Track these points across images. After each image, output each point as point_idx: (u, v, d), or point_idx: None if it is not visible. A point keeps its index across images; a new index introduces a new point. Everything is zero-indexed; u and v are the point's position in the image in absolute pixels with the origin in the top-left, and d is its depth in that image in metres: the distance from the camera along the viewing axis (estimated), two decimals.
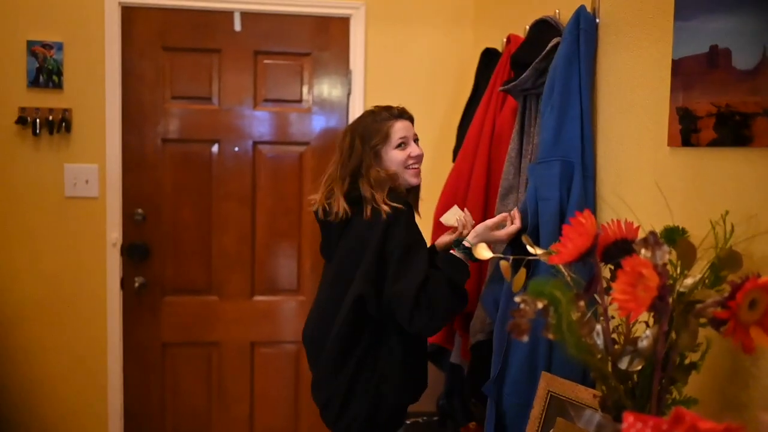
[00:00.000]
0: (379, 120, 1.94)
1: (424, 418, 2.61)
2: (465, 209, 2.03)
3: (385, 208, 1.80)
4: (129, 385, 3.09)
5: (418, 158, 1.96)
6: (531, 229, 1.79)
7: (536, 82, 1.92)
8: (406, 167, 1.94)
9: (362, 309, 1.85)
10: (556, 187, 1.72)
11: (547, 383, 1.54)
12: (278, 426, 3.22)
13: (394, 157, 1.92)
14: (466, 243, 1.85)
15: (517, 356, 1.81)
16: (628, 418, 0.85)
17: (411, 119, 2.01)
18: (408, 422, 2.53)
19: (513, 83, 1.98)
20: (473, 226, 1.97)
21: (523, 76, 1.92)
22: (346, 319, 1.86)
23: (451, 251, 1.87)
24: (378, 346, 1.88)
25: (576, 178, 1.71)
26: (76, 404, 3.02)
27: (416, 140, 2.00)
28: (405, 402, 1.97)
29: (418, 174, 1.97)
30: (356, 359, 1.87)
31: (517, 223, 1.85)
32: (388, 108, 1.99)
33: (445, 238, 2.07)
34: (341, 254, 1.93)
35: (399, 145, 1.93)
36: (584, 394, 1.44)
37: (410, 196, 2.01)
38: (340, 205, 1.86)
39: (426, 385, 2.05)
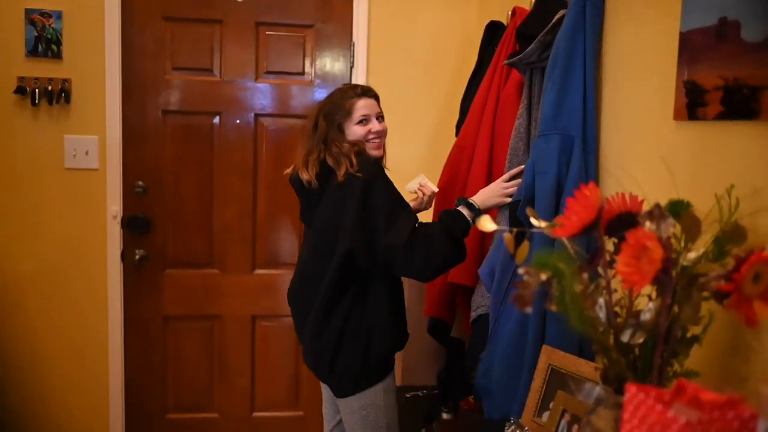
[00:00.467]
0: (345, 97, 2.09)
1: (424, 391, 2.63)
2: (423, 175, 2.29)
3: (353, 171, 1.93)
4: (130, 357, 3.10)
5: (379, 133, 2.09)
6: (527, 202, 1.78)
7: (541, 55, 1.90)
8: (367, 141, 2.07)
9: (350, 264, 1.95)
10: (555, 161, 1.71)
11: (549, 357, 1.55)
12: (279, 398, 3.24)
13: (355, 131, 2.06)
14: (472, 201, 2.00)
15: (507, 327, 1.82)
16: (631, 388, 0.85)
17: (376, 97, 2.14)
18: (408, 396, 2.55)
19: (518, 56, 1.96)
20: (433, 193, 2.27)
21: (528, 49, 1.90)
22: (334, 275, 1.97)
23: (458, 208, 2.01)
24: (364, 297, 2.01)
25: (575, 152, 1.70)
26: (77, 376, 3.04)
27: (380, 117, 2.13)
28: (393, 349, 2.10)
29: (378, 147, 2.10)
30: (344, 311, 2.00)
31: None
32: (354, 86, 2.14)
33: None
34: (320, 220, 2.05)
35: (360, 121, 2.07)
36: (585, 367, 1.45)
37: None
38: (309, 173, 2.01)
39: (408, 334, 2.16)
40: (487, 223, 1.25)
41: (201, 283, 3.13)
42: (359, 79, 3.07)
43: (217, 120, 3.07)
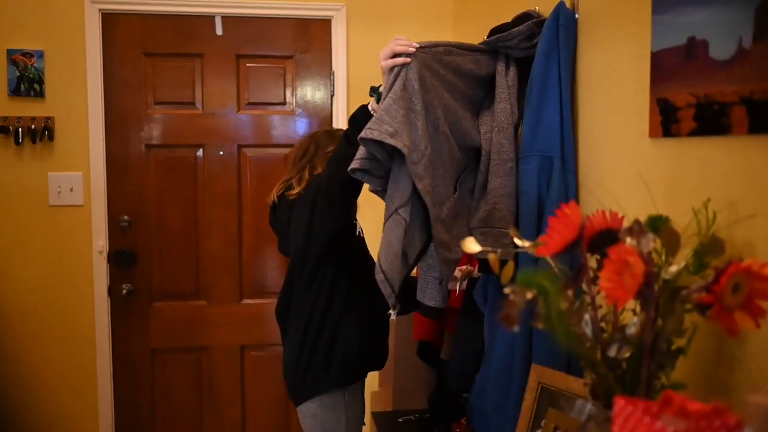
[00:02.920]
0: (336, 135, 2.21)
1: (416, 415, 2.62)
2: None
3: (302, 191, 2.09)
4: (119, 392, 3.08)
5: None
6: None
7: (521, 43, 1.84)
8: None
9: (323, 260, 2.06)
10: (534, 182, 1.74)
11: (538, 375, 1.56)
12: (270, 428, 3.22)
13: None
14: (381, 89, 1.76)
15: (499, 347, 1.83)
16: (619, 402, 0.86)
17: None
18: (400, 420, 2.55)
19: (503, 33, 1.85)
20: None
21: (515, 29, 1.81)
22: (306, 275, 2.09)
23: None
24: (331, 303, 2.08)
25: (555, 172, 1.73)
26: (66, 413, 3.01)
27: None
28: (357, 359, 2.10)
29: None
30: (308, 315, 2.09)
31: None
32: (342, 130, 2.23)
33: None
34: (292, 240, 2.14)
35: None
36: (575, 384, 1.46)
37: None
38: (273, 194, 2.19)
39: (384, 355, 2.22)
40: (471, 245, 1.27)
41: (188, 315, 3.12)
42: (340, 106, 3.10)
43: (200, 152, 3.08)
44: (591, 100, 1.72)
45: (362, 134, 1.59)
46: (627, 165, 1.52)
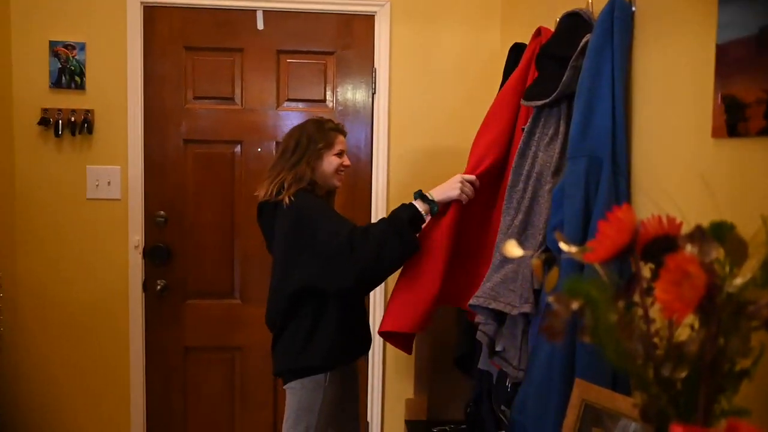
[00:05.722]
0: (326, 129, 2.26)
1: (452, 426, 2.53)
2: None
3: (287, 199, 2.10)
4: (151, 388, 3.05)
5: (347, 168, 2.32)
6: (556, 226, 1.70)
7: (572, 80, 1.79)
8: (337, 172, 2.27)
9: (302, 295, 2.12)
10: (581, 184, 1.64)
11: (582, 391, 1.45)
12: None
13: (332, 161, 2.25)
14: (427, 194, 2.11)
15: (540, 358, 1.73)
16: (677, 429, 0.76)
17: (346, 135, 2.35)
18: (434, 430, 2.47)
19: (555, 94, 1.84)
20: None
21: (564, 78, 1.80)
22: (282, 306, 2.18)
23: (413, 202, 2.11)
24: (314, 309, 2.15)
25: (604, 174, 1.62)
26: (98, 408, 3.00)
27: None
28: (330, 351, 2.18)
29: (341, 179, 2.31)
30: (295, 313, 2.17)
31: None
32: (331, 121, 2.33)
33: None
34: (275, 244, 2.22)
35: (338, 154, 2.25)
36: (622, 403, 1.36)
37: (329, 197, 2.36)
38: (266, 188, 2.18)
39: (353, 343, 2.28)
40: (513, 249, 1.18)
41: (222, 313, 3.08)
42: (381, 105, 3.03)
43: (238, 149, 3.04)
44: (647, 98, 1.61)
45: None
46: (686, 167, 1.41)
